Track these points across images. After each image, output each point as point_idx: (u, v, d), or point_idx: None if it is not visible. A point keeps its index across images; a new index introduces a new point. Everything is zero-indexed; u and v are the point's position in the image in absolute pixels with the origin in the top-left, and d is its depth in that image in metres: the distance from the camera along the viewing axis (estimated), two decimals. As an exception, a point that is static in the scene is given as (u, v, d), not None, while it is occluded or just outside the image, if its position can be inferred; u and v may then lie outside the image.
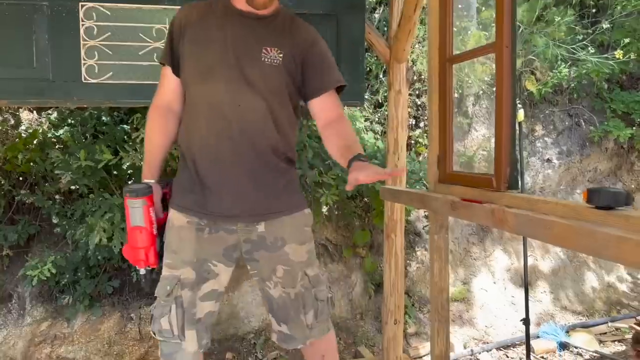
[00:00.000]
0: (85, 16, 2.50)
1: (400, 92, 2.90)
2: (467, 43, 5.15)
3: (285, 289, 1.72)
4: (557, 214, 1.46)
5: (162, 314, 1.62)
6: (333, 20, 2.75)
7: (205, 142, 1.63)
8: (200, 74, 1.63)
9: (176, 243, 1.64)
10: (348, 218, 4.18)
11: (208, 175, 1.62)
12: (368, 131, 4.58)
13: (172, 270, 1.64)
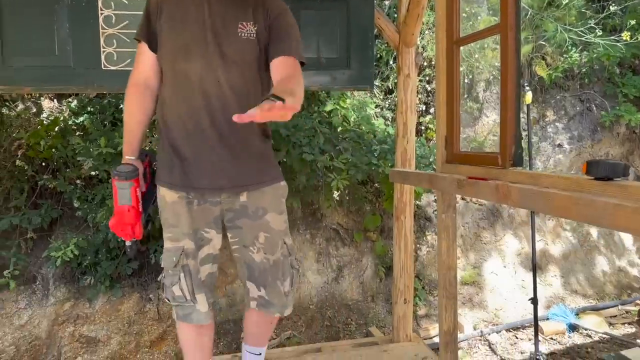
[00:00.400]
0: (104, 5, 2.59)
1: (409, 76, 2.95)
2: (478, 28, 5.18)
3: (266, 254, 1.82)
4: (559, 187, 1.53)
5: (173, 282, 1.75)
6: (343, 6, 2.81)
7: (186, 118, 1.69)
8: (178, 52, 1.67)
9: (173, 218, 1.75)
10: (359, 203, 4.26)
11: (190, 151, 1.70)
12: (378, 117, 4.64)
13: (175, 243, 1.75)
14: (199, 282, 1.77)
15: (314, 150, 3.69)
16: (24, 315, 3.61)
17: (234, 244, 1.85)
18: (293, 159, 3.63)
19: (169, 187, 1.74)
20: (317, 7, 2.80)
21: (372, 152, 3.83)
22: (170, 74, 1.72)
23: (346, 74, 2.88)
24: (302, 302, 4.02)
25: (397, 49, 2.96)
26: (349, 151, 3.75)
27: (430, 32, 4.84)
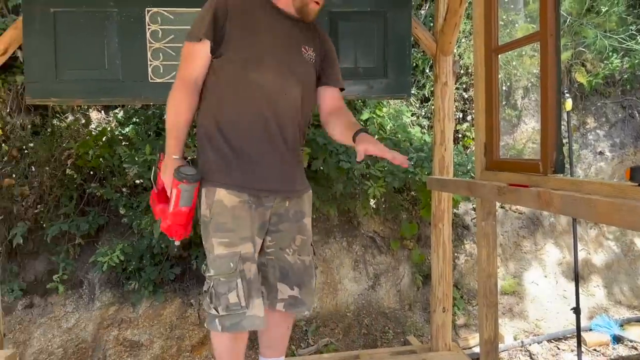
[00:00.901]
0: (150, 20, 2.71)
1: (447, 84, 2.97)
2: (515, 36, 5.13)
3: (301, 256, 1.91)
4: (602, 194, 1.52)
5: (230, 289, 1.71)
6: (380, 17, 2.85)
7: (252, 121, 1.76)
8: (251, 60, 1.75)
9: (233, 222, 1.73)
10: (395, 211, 4.27)
11: (256, 153, 1.76)
12: (414, 125, 4.65)
13: (231, 248, 1.71)
14: (257, 287, 1.77)
15: (350, 159, 3.73)
16: (71, 319, 3.75)
17: (270, 247, 1.89)
18: (330, 167, 3.68)
19: (228, 188, 1.73)
20: (354, 19, 2.85)
21: (409, 160, 3.84)
22: (236, 78, 1.75)
23: (383, 83, 2.92)
24: (339, 309, 4.05)
25: (434, 57, 2.98)
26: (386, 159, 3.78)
27: (467, 40, 4.83)
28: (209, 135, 1.77)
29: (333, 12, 2.83)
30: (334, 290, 4.09)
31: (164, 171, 1.76)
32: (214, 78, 1.78)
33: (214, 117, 1.77)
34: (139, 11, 2.69)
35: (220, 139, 1.75)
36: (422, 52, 4.67)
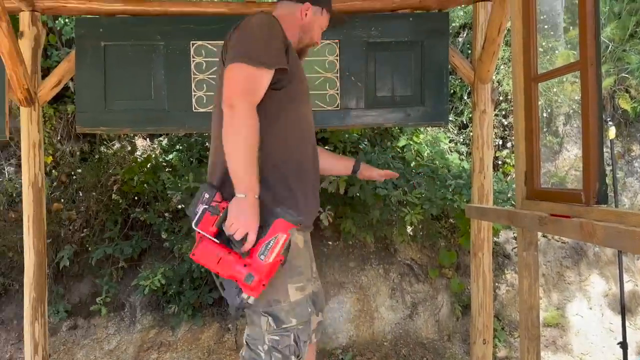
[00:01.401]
0: (195, 53, 2.82)
1: (485, 112, 2.96)
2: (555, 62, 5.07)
3: (319, 281, 1.93)
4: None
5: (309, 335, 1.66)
6: (418, 46, 2.89)
7: (306, 157, 1.75)
8: (303, 95, 1.79)
9: (305, 264, 1.68)
10: (433, 238, 4.22)
11: (311, 190, 1.76)
12: (452, 152, 4.62)
13: (304, 292, 1.65)
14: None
15: (387, 185, 3.73)
16: (112, 341, 3.84)
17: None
18: (366, 194, 3.69)
19: (299, 229, 1.64)
20: (391, 49, 2.90)
21: (447, 187, 3.81)
22: (293, 114, 1.70)
23: (420, 111, 2.93)
24: (375, 338, 4.00)
25: (473, 85, 2.98)
26: (422, 186, 3.76)
27: (506, 67, 4.80)
28: (278, 169, 1.63)
29: (370, 43, 2.88)
30: (370, 318, 4.05)
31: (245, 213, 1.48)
32: (274, 109, 1.62)
33: (281, 150, 1.64)
34: (184, 44, 2.81)
35: (288, 175, 1.64)
36: (460, 78, 4.67)
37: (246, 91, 1.51)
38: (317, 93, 2.89)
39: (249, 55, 1.52)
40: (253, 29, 1.59)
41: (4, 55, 2.47)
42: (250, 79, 1.52)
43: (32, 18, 2.74)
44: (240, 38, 1.58)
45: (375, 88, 2.91)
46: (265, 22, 1.61)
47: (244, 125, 1.48)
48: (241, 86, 1.51)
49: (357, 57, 2.89)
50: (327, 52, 2.89)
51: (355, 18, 2.88)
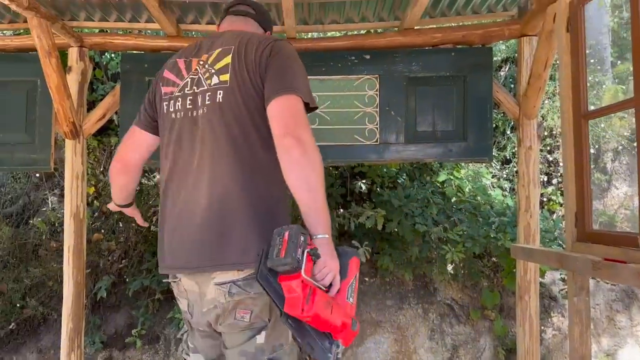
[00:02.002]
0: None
1: (531, 148, 2.86)
2: (602, 97, 4.92)
3: None
4: None
5: None
6: (460, 81, 2.84)
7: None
8: None
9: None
10: (475, 277, 4.06)
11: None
12: (495, 188, 4.48)
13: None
14: None
15: (427, 221, 3.63)
16: (147, 374, 3.81)
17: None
18: (405, 230, 3.60)
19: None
20: (433, 83, 2.85)
21: (490, 225, 3.68)
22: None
23: (462, 146, 2.86)
24: (414, 381, 3.83)
25: (518, 121, 2.89)
26: (464, 223, 3.64)
27: (550, 102, 4.68)
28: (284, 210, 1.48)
29: (411, 78, 2.85)
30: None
31: (333, 256, 1.35)
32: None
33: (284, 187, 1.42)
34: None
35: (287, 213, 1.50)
36: (503, 112, 4.56)
37: (308, 124, 1.37)
38: (356, 127, 2.86)
39: (305, 90, 1.42)
40: (297, 61, 1.48)
41: (52, 90, 2.55)
42: (305, 113, 1.40)
43: (80, 53, 2.83)
44: (291, 67, 1.46)
45: (415, 123, 2.86)
46: (295, 53, 1.51)
47: (318, 161, 1.33)
48: (304, 120, 1.37)
49: (397, 91, 2.85)
50: (367, 86, 2.87)
51: (396, 53, 2.86)
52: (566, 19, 2.28)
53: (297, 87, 1.40)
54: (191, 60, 1.55)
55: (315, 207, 1.32)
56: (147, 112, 1.65)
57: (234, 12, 1.70)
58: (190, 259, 1.41)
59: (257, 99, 1.42)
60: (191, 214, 1.42)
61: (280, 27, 2.93)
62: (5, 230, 3.74)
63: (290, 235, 1.25)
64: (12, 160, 2.77)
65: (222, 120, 1.42)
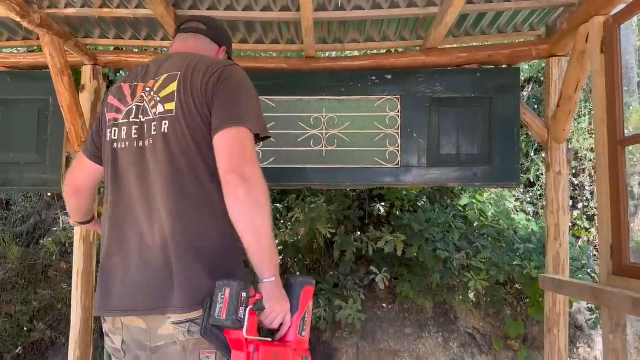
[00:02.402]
0: (252, 108, 2.76)
1: (561, 173, 2.72)
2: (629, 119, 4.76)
3: None
4: None
5: None
6: (486, 103, 2.72)
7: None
8: None
9: None
10: (498, 306, 3.89)
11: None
12: (518, 212, 4.32)
13: None
14: None
15: (448, 247, 3.49)
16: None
17: None
18: (426, 256, 3.46)
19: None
20: (457, 104, 2.74)
21: (515, 251, 3.52)
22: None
23: (488, 171, 2.74)
24: (433, 414, 3.66)
25: (546, 144, 2.76)
26: (488, 249, 3.49)
27: (575, 123, 4.53)
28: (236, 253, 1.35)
29: (434, 99, 2.74)
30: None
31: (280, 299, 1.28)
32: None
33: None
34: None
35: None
36: (526, 134, 4.42)
37: (255, 159, 1.27)
38: (376, 150, 2.75)
39: (255, 121, 1.30)
40: (248, 89, 1.36)
41: (64, 109, 2.49)
42: (254, 147, 1.28)
43: (94, 72, 2.78)
44: (240, 95, 1.35)
45: (438, 145, 2.75)
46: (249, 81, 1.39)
47: (263, 200, 1.24)
48: (250, 154, 1.26)
49: (419, 113, 2.74)
50: (388, 107, 2.77)
51: (418, 73, 2.76)
52: (600, 40, 2.16)
53: (246, 117, 1.29)
54: (137, 86, 1.44)
55: (260, 249, 1.23)
56: (93, 140, 1.54)
57: (184, 29, 1.59)
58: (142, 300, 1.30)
59: (204, 129, 1.32)
60: (140, 253, 1.32)
61: (298, 46, 2.86)
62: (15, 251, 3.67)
63: (231, 295, 1.19)
64: (22, 181, 2.71)
65: (168, 151, 1.32)
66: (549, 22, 2.76)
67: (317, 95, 2.76)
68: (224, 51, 1.61)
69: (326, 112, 2.77)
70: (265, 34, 2.77)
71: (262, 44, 2.86)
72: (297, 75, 2.80)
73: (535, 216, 4.31)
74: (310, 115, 2.77)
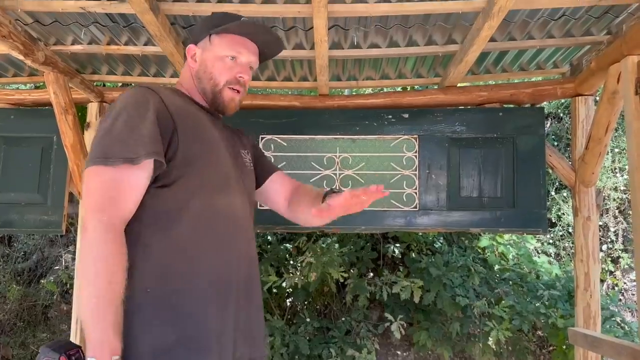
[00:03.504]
0: (264, 147, 2.64)
1: (590, 219, 2.55)
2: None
3: None
4: None
5: None
6: (509, 143, 2.59)
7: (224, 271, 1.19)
8: (220, 183, 1.23)
9: None
10: (520, 356, 3.66)
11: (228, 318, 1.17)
12: (540, 253, 4.13)
13: None
14: None
15: (468, 293, 3.31)
16: None
17: None
18: (444, 302, 3.27)
19: None
20: (478, 145, 2.61)
21: (539, 298, 3.32)
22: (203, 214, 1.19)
23: (512, 215, 2.58)
24: None
25: (574, 188, 2.60)
26: (511, 295, 3.29)
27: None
28: (146, 304, 1.09)
29: (454, 139, 2.61)
30: None
31: None
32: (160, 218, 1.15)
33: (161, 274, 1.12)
34: (253, 138, 2.64)
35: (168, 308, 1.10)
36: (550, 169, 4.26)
37: (101, 206, 1.06)
38: (393, 191, 2.61)
39: (105, 152, 1.09)
40: (112, 115, 1.14)
41: (68, 148, 2.39)
42: (108, 186, 1.08)
43: (100, 109, 2.69)
44: (97, 130, 1.15)
45: (459, 187, 2.60)
46: (129, 101, 1.16)
47: (94, 250, 1.03)
48: (94, 199, 1.07)
49: (438, 153, 2.61)
50: (405, 147, 2.64)
51: (437, 112, 2.64)
52: (634, 80, 2.03)
53: (98, 152, 1.10)
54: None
55: (83, 316, 1.01)
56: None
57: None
58: None
59: None
60: None
61: (311, 83, 2.76)
62: (15, 291, 3.53)
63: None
64: (23, 222, 2.59)
65: None
66: (574, 60, 2.64)
67: (330, 134, 2.65)
68: (192, 49, 1.36)
69: (340, 151, 2.65)
70: (278, 71, 2.68)
71: (274, 81, 2.77)
72: (309, 114, 2.69)
73: (557, 258, 4.12)
74: (323, 155, 2.64)
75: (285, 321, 3.55)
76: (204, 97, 1.34)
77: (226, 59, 1.32)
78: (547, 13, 2.13)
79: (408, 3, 1.95)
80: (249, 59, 1.35)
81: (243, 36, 1.34)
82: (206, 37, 1.33)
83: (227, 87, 1.32)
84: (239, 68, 1.33)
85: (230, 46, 1.32)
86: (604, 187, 4.30)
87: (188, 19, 2.13)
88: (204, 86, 1.33)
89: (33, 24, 2.14)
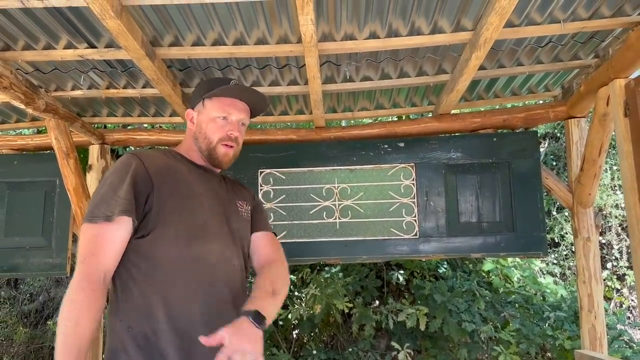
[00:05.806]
0: (263, 181, 2.68)
1: (590, 239, 2.56)
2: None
3: None
4: None
5: None
6: (504, 168, 2.62)
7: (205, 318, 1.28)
8: (197, 231, 1.34)
9: None
10: (530, 378, 3.63)
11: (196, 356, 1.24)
12: (545, 274, 4.11)
13: None
14: None
15: (474, 318, 3.29)
16: None
17: None
18: (451, 329, 3.25)
19: None
20: (474, 171, 2.64)
21: (545, 320, 3.30)
22: (178, 261, 1.30)
23: (512, 238, 2.60)
24: None
25: (572, 210, 2.62)
26: (517, 319, 3.28)
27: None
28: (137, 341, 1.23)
29: (450, 165, 2.64)
30: None
31: None
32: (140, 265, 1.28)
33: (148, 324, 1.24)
34: (252, 172, 2.69)
35: (163, 345, 1.23)
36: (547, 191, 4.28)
37: (83, 258, 1.20)
38: (392, 220, 2.64)
39: (92, 211, 1.25)
40: (104, 178, 1.33)
41: (70, 192, 2.43)
42: (92, 241, 1.22)
43: (102, 151, 2.74)
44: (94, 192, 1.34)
45: (458, 213, 2.62)
46: (117, 166, 1.32)
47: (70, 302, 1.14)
48: (80, 251, 1.22)
49: (435, 180, 2.64)
50: (402, 176, 2.67)
51: (432, 140, 2.68)
52: (623, 103, 2.07)
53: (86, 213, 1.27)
54: None
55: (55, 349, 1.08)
56: None
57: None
58: None
59: None
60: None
61: (307, 116, 2.81)
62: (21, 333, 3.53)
63: None
64: (27, 266, 2.62)
65: None
66: (565, 82, 2.69)
67: (328, 165, 2.69)
68: (189, 113, 1.50)
69: (338, 182, 2.69)
70: (274, 106, 2.73)
71: (270, 116, 2.82)
72: (306, 146, 2.73)
73: (562, 277, 4.10)
74: (322, 187, 2.68)
75: (292, 354, 3.53)
76: (201, 154, 1.47)
77: (217, 119, 1.45)
78: (534, 40, 2.18)
79: (396, 38, 2.00)
80: (238, 117, 1.47)
81: (232, 97, 1.47)
82: (200, 102, 1.48)
83: (221, 143, 1.44)
84: (229, 126, 1.45)
85: (220, 108, 1.45)
86: (605, 204, 4.30)
87: (184, 62, 2.19)
88: (200, 145, 1.46)
89: (34, 72, 2.20)
